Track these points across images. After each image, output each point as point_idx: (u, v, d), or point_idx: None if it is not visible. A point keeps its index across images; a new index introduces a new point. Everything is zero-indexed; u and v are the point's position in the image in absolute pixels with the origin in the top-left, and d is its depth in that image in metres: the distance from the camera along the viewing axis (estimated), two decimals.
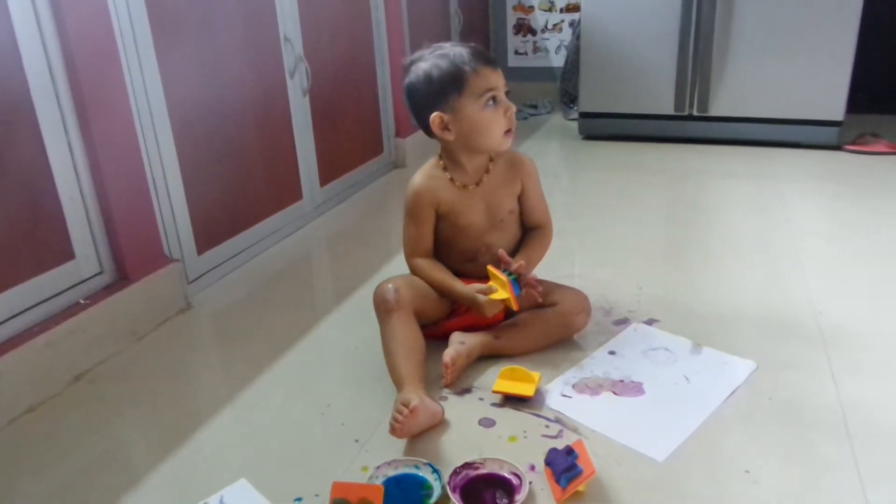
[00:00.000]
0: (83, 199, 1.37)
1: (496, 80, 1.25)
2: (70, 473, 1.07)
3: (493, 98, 1.24)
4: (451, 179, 1.31)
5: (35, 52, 1.25)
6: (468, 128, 1.25)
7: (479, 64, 1.23)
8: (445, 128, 1.26)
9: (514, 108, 1.26)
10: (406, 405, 1.03)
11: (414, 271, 1.34)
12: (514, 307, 1.23)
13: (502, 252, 1.25)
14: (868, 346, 1.30)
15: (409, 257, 1.35)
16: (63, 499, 1.02)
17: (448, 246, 1.35)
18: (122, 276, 1.45)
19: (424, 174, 1.33)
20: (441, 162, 1.33)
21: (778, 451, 1.03)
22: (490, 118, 1.24)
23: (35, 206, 1.29)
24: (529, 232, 1.38)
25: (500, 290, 1.21)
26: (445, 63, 1.24)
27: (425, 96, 1.26)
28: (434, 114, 1.25)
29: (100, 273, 1.42)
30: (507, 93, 1.27)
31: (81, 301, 1.37)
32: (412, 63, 1.28)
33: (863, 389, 1.16)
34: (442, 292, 1.30)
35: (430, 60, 1.25)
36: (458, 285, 1.28)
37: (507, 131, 1.27)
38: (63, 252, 1.35)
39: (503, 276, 1.20)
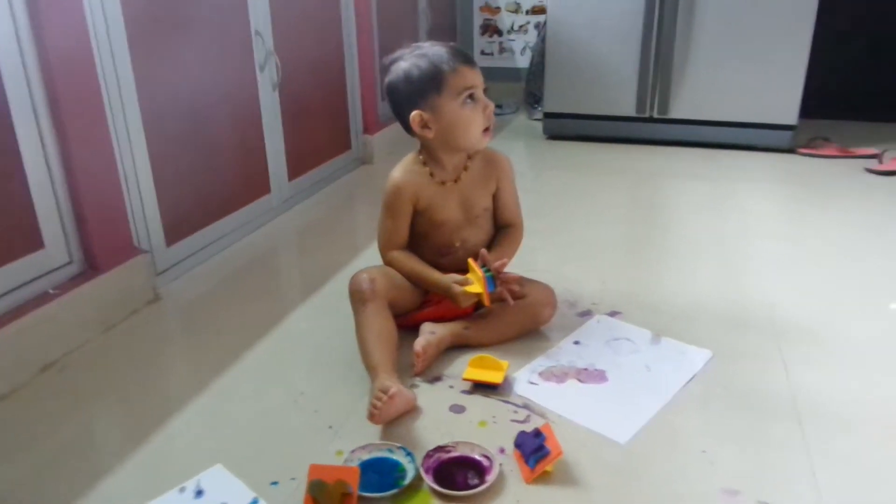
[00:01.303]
0: (53, 188, 1.36)
1: (474, 78, 1.28)
2: (42, 460, 1.07)
3: (472, 96, 1.27)
4: (431, 174, 1.34)
5: (8, 42, 1.24)
6: (447, 126, 1.28)
7: (458, 63, 1.26)
8: (425, 126, 1.29)
9: (492, 106, 1.30)
10: (385, 392, 1.06)
11: (389, 263, 1.36)
12: (486, 303, 1.26)
13: (484, 251, 1.28)
14: (818, 338, 1.37)
15: (385, 250, 1.37)
16: (36, 484, 1.02)
17: (423, 240, 1.38)
18: (92, 267, 1.45)
19: (405, 169, 1.35)
20: (421, 157, 1.36)
21: (733, 434, 1.08)
22: (469, 116, 1.27)
23: (4, 195, 1.28)
24: (501, 230, 1.42)
25: (475, 284, 1.25)
26: (425, 63, 1.26)
27: (405, 95, 1.29)
28: (414, 112, 1.28)
29: (69, 263, 1.42)
30: (485, 90, 1.30)
31: (50, 291, 1.36)
32: (392, 62, 1.31)
33: (813, 378, 1.23)
34: (418, 282, 1.33)
35: (409, 60, 1.28)
36: (436, 274, 1.31)
37: (486, 130, 1.30)
38: (32, 241, 1.34)
39: (480, 272, 1.24)
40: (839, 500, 0.95)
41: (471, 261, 1.27)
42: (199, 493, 0.98)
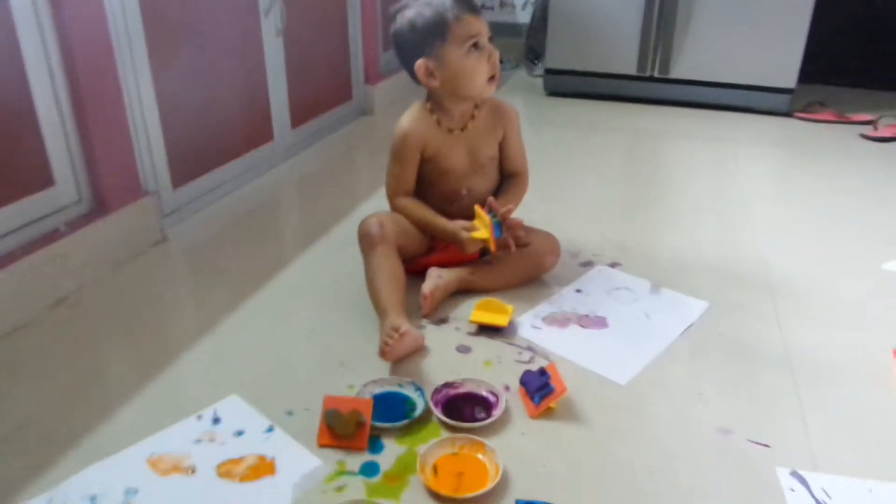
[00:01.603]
0: (63, 127, 1.37)
1: (479, 26, 1.29)
2: (60, 388, 1.10)
3: (476, 44, 1.28)
4: (438, 122, 1.36)
5: None
6: (452, 74, 1.29)
7: (462, 11, 1.27)
8: (431, 74, 1.30)
9: (497, 54, 1.31)
10: (396, 329, 1.10)
11: (397, 209, 1.38)
12: (493, 249, 1.29)
13: (491, 198, 1.30)
14: (809, 293, 1.42)
15: (392, 196, 1.39)
16: (56, 412, 1.05)
17: (430, 187, 1.40)
18: (100, 206, 1.46)
19: (412, 117, 1.37)
20: (428, 105, 1.37)
21: (727, 378, 1.13)
22: (473, 64, 1.29)
23: (16, 133, 1.28)
24: (507, 178, 1.44)
25: (482, 230, 1.28)
26: (429, 11, 1.27)
27: (410, 44, 1.30)
28: (419, 61, 1.29)
29: (78, 202, 1.43)
30: (490, 39, 1.31)
31: (60, 228, 1.38)
32: (398, 11, 1.31)
33: (804, 329, 1.28)
34: (425, 228, 1.35)
35: (414, 8, 1.29)
36: (442, 221, 1.33)
37: (491, 78, 1.31)
38: (43, 178, 1.35)
39: (487, 218, 1.27)
40: (825, 439, 1.00)
41: (477, 207, 1.30)
42: (216, 420, 1.02)
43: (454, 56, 1.28)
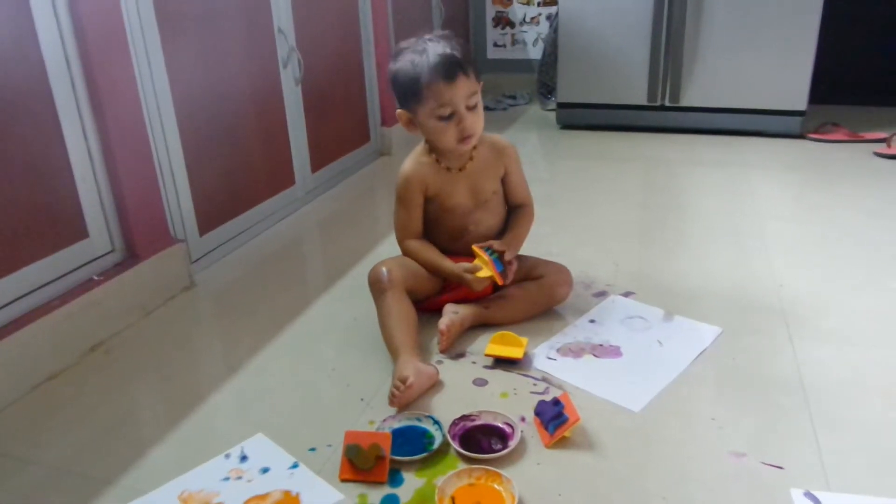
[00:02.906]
0: (96, 181, 1.45)
1: (451, 95, 1.27)
2: (96, 431, 1.16)
3: (448, 114, 1.29)
4: (438, 162, 1.41)
5: (53, 43, 1.33)
6: (425, 131, 1.35)
7: (436, 79, 1.26)
8: (411, 123, 1.36)
9: (466, 121, 1.30)
10: (403, 381, 1.14)
11: (406, 252, 1.43)
12: (500, 282, 1.33)
13: (491, 241, 1.35)
14: (823, 315, 1.43)
15: (401, 240, 1.44)
16: (92, 452, 1.11)
17: (436, 226, 1.45)
18: (132, 255, 1.54)
19: (413, 161, 1.42)
20: (427, 146, 1.42)
21: (740, 402, 1.15)
22: (442, 128, 1.31)
23: (53, 188, 1.37)
24: (514, 210, 1.49)
25: (485, 268, 1.32)
26: (410, 69, 1.29)
27: (395, 92, 1.36)
28: (399, 111, 1.36)
29: (111, 251, 1.50)
30: (473, 107, 1.30)
31: (95, 277, 1.45)
32: (397, 53, 1.34)
33: (817, 352, 1.29)
34: (432, 271, 1.40)
35: (404, 58, 1.31)
36: (447, 264, 1.38)
37: (464, 139, 1.32)
38: (78, 231, 1.43)
39: (486, 255, 1.31)
40: (839, 461, 1.01)
41: (475, 247, 1.34)
42: (243, 458, 1.06)
43: (424, 117, 1.32)
